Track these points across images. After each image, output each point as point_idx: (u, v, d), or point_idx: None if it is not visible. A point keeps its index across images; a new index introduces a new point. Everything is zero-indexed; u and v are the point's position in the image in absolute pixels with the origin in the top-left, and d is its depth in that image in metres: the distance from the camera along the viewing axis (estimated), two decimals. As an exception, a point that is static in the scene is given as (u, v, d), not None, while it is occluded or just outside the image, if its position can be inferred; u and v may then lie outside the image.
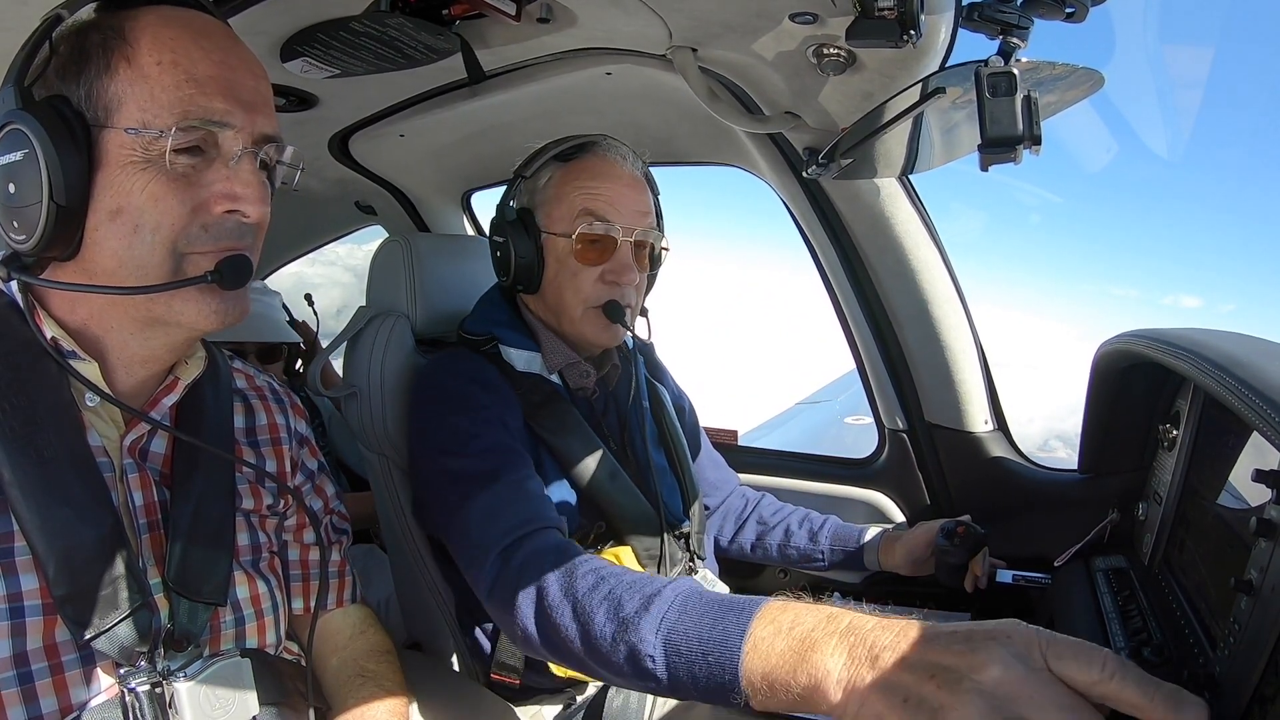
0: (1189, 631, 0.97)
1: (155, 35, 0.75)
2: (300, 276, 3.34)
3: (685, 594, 0.84)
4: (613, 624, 0.86)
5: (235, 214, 0.79)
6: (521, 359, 1.31)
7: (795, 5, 0.96)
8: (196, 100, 0.75)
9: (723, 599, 0.82)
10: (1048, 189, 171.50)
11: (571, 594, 0.93)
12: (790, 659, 0.68)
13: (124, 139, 0.74)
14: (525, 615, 0.96)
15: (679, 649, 0.79)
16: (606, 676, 0.90)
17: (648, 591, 0.86)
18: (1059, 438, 1.50)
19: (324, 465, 1.13)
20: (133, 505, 0.82)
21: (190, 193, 0.77)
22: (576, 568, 0.95)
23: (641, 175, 1.33)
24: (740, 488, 1.71)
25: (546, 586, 0.95)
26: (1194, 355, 0.98)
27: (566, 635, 0.90)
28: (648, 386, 1.48)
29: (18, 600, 0.73)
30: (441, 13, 1.12)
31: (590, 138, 1.32)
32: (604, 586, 0.91)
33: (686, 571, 1.37)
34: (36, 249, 0.75)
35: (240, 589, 0.90)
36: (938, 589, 1.45)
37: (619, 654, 0.84)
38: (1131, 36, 12.96)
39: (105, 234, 0.76)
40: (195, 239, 0.78)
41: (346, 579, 1.12)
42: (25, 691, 0.72)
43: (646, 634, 0.82)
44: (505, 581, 1.00)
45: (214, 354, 0.98)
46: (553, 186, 1.30)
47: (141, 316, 0.81)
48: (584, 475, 1.27)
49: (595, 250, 1.27)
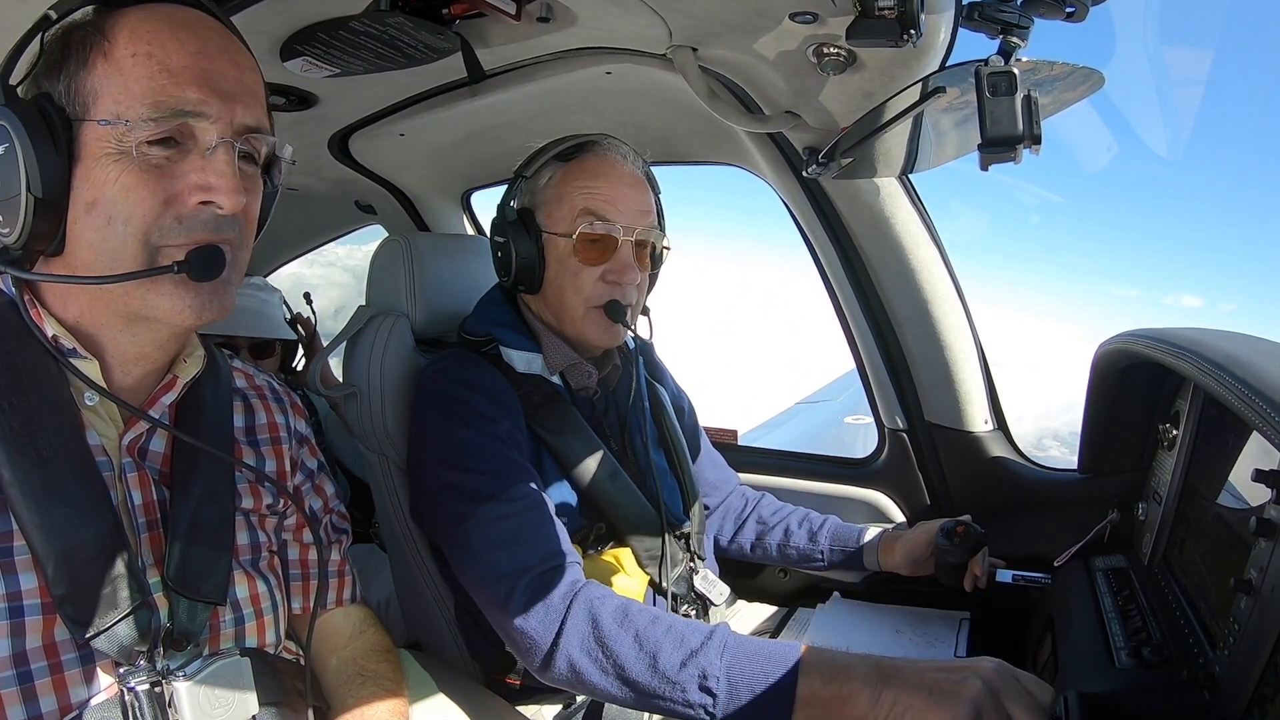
0: (1189, 631, 0.97)
1: (133, 29, 0.76)
2: (298, 277, 3.34)
3: (729, 643, 0.98)
4: (680, 652, 0.97)
5: (209, 205, 0.78)
6: (522, 360, 1.30)
7: (795, 5, 0.96)
8: (169, 90, 0.75)
9: (761, 646, 0.97)
10: (1048, 189, 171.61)
11: (630, 627, 1.02)
12: None
13: (99, 131, 0.74)
14: (572, 645, 1.03)
15: (740, 671, 0.95)
16: (653, 703, 0.99)
17: (701, 632, 1.00)
18: (1053, 436, 1.51)
19: (324, 464, 1.13)
20: (131, 505, 0.82)
21: (163, 184, 0.76)
22: (627, 604, 1.05)
23: (642, 174, 1.33)
24: (740, 487, 1.71)
25: (601, 621, 1.02)
26: (1194, 355, 0.98)
27: (623, 663, 0.99)
28: (647, 387, 1.48)
29: (17, 600, 0.73)
30: (441, 12, 1.12)
31: (591, 137, 1.31)
32: (662, 622, 1.02)
33: (687, 571, 1.37)
34: (20, 242, 0.75)
35: (240, 588, 0.90)
36: (938, 589, 1.45)
37: (685, 676, 0.96)
38: (1132, 35, 12.97)
39: (82, 226, 0.76)
40: (169, 231, 0.77)
41: (346, 579, 1.12)
42: (25, 691, 0.72)
43: (713, 658, 0.96)
44: (540, 611, 1.05)
45: (213, 353, 0.97)
46: (553, 186, 1.29)
47: (122, 312, 0.80)
48: (584, 476, 1.27)
49: (596, 250, 1.27)
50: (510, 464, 1.17)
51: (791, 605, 1.63)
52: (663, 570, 1.31)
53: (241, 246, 0.83)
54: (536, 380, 1.30)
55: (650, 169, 1.37)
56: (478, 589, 1.13)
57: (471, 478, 1.15)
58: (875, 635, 1.45)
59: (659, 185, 1.38)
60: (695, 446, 1.62)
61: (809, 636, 1.46)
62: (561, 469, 1.27)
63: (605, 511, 1.28)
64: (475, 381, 1.24)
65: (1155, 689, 0.93)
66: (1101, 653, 1.03)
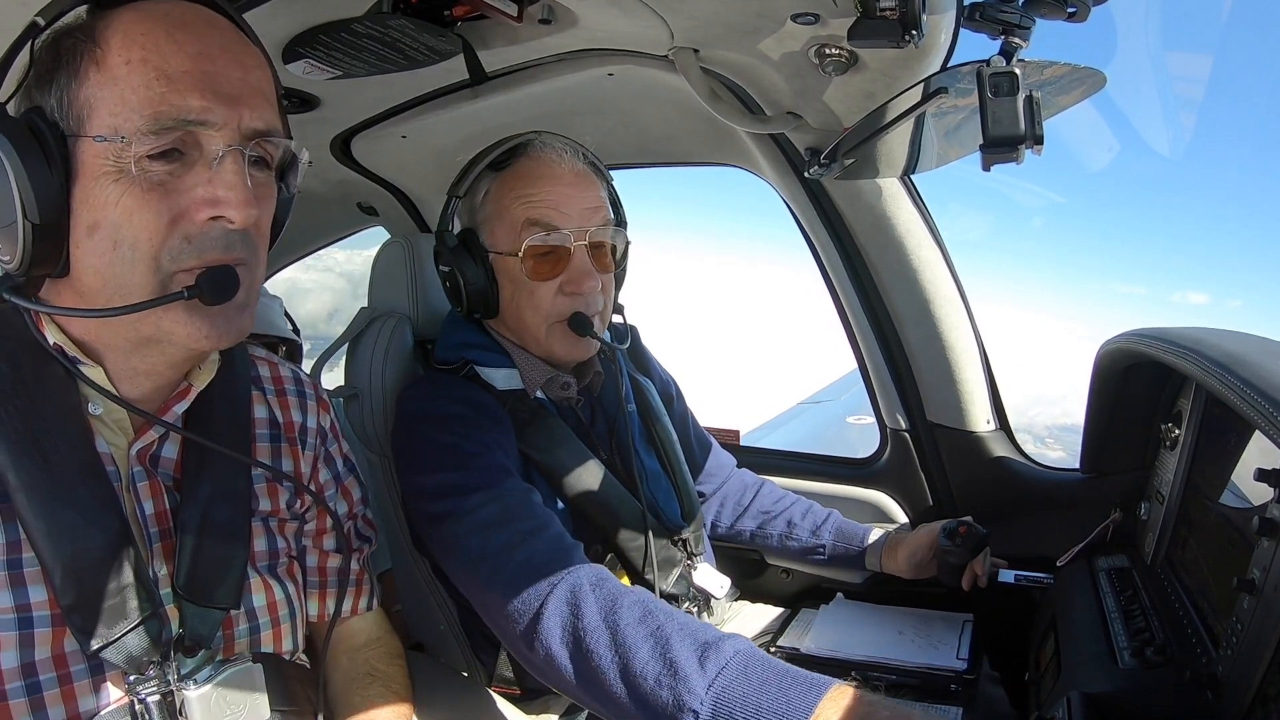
0: (1191, 631, 0.97)
1: (126, 33, 0.70)
2: (293, 282, 3.32)
3: (746, 655, 0.81)
4: (657, 664, 0.81)
5: (220, 220, 0.73)
6: (502, 377, 1.25)
7: (797, 6, 0.96)
8: (168, 99, 0.69)
9: (786, 670, 0.79)
10: (1051, 189, 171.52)
11: (612, 622, 0.87)
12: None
13: (96, 148, 0.69)
14: (551, 636, 0.90)
15: (731, 713, 0.75)
16: (630, 715, 0.83)
17: (702, 639, 0.82)
18: (1025, 430, 1.52)
19: (352, 464, 1.08)
20: (143, 514, 0.81)
21: (168, 202, 0.71)
22: (621, 595, 0.90)
23: (585, 166, 1.24)
24: (738, 471, 1.69)
25: (583, 608, 0.89)
26: (1196, 354, 0.98)
27: (599, 664, 0.85)
28: (634, 385, 1.44)
29: (26, 611, 0.72)
30: (443, 14, 1.12)
31: (522, 138, 1.23)
32: (651, 621, 0.86)
33: (685, 570, 1.36)
34: (22, 269, 0.71)
35: (256, 596, 0.88)
36: (941, 590, 1.45)
37: (659, 698, 0.79)
38: (1133, 34, 12.97)
39: (86, 251, 0.72)
40: (179, 254, 0.72)
41: (364, 587, 1.08)
42: (33, 701, 0.71)
43: (697, 687, 0.78)
44: (526, 593, 0.94)
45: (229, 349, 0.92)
46: (491, 201, 1.22)
47: (133, 337, 0.77)
48: (576, 489, 1.23)
49: (548, 263, 1.19)
50: (498, 465, 1.11)
51: (794, 606, 1.63)
52: (662, 574, 1.30)
53: (255, 265, 0.79)
54: (520, 396, 1.25)
55: (595, 158, 1.27)
56: (466, 577, 1.05)
57: (457, 475, 1.09)
58: (878, 637, 1.45)
59: (608, 173, 1.30)
60: (686, 435, 1.57)
61: (812, 637, 1.46)
62: (553, 487, 1.23)
63: (599, 524, 1.26)
64: (459, 395, 1.20)
65: (1158, 689, 0.93)
66: (1104, 653, 1.03)
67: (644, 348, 1.58)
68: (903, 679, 1.30)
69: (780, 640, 1.46)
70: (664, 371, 1.62)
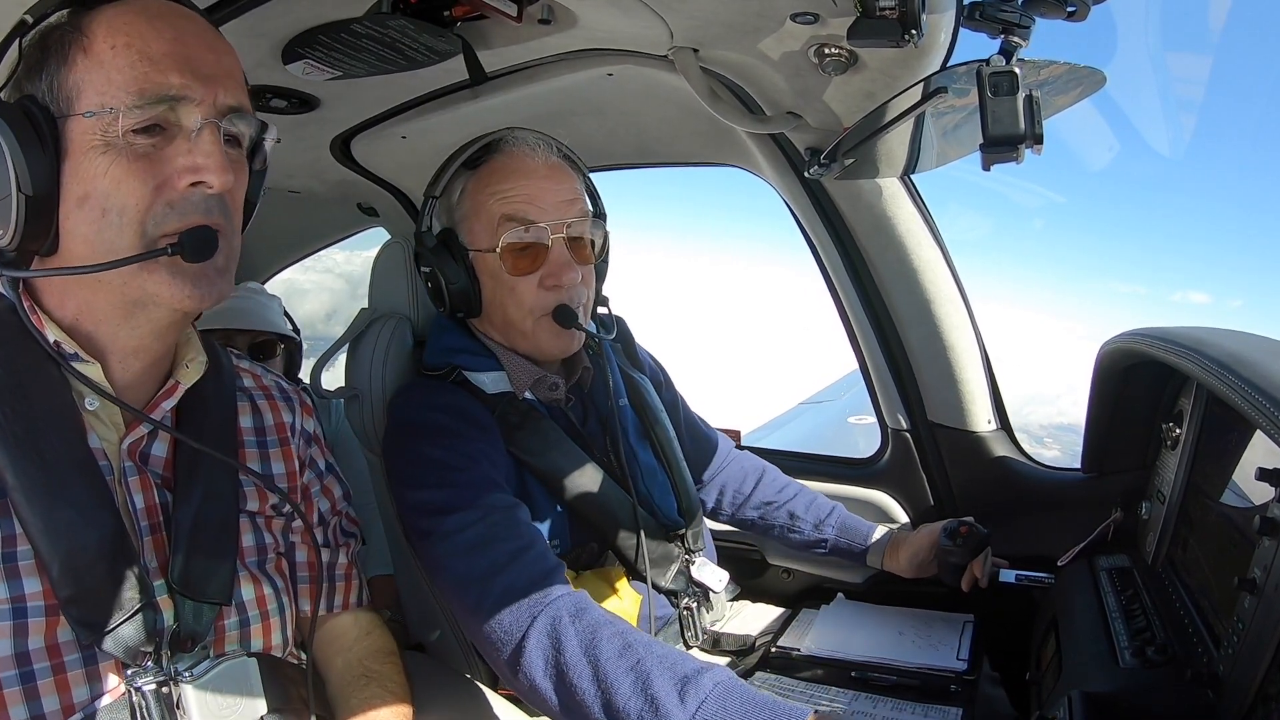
0: (1193, 630, 0.97)
1: (110, 23, 0.77)
2: (291, 283, 3.33)
3: (725, 687, 0.84)
4: (639, 700, 0.84)
5: (200, 186, 0.78)
6: (489, 380, 1.25)
7: (796, 5, 0.96)
8: (151, 77, 0.76)
9: (764, 700, 0.83)
10: (1051, 189, 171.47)
11: (593, 656, 0.90)
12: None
13: (84, 124, 0.75)
14: (534, 668, 0.93)
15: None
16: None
17: (681, 672, 0.86)
18: (1021, 429, 1.53)
19: (333, 465, 1.12)
20: (134, 508, 0.83)
21: (153, 171, 0.77)
22: (600, 628, 0.93)
23: (559, 160, 1.24)
24: (739, 455, 1.68)
25: (564, 642, 0.92)
26: (1196, 353, 0.98)
27: (582, 699, 0.88)
28: (625, 378, 1.43)
29: (21, 602, 0.73)
30: (443, 14, 1.12)
31: (494, 135, 1.24)
32: (630, 655, 0.88)
33: (683, 566, 1.35)
34: (14, 243, 0.76)
35: (246, 590, 0.90)
36: (942, 590, 1.45)
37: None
38: (1133, 34, 12.97)
39: (76, 221, 0.77)
40: (163, 218, 0.78)
41: (354, 582, 1.10)
42: (27, 690, 0.73)
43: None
44: (508, 618, 0.97)
45: (217, 354, 0.97)
46: (467, 199, 1.23)
47: (120, 301, 0.81)
48: (571, 491, 1.23)
49: (526, 257, 1.20)
50: (483, 478, 1.12)
51: (795, 606, 1.63)
52: (658, 571, 1.30)
53: (232, 234, 0.84)
54: (510, 399, 1.25)
55: (570, 152, 1.28)
56: (452, 599, 1.08)
57: (443, 492, 1.10)
58: (878, 637, 1.45)
59: (584, 166, 1.30)
60: (678, 421, 1.56)
61: (812, 637, 1.46)
62: (547, 490, 1.23)
63: (596, 524, 1.25)
64: (446, 404, 1.20)
65: (1159, 688, 0.93)
66: (1105, 652, 1.03)
67: (631, 337, 1.56)
68: (903, 679, 1.30)
69: (781, 640, 1.46)
70: (652, 359, 1.61)
